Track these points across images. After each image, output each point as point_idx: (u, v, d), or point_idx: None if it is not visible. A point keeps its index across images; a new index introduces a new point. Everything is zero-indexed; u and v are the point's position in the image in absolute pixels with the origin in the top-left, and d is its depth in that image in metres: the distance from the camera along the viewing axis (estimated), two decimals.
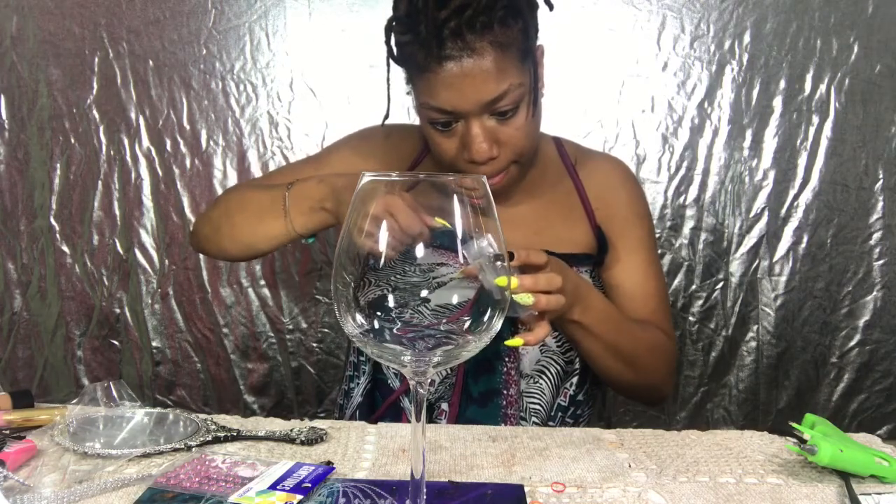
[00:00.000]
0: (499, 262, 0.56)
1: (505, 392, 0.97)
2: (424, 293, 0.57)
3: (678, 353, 1.61)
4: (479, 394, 0.98)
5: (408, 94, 0.99)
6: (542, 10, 0.96)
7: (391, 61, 0.96)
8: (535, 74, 0.95)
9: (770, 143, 1.57)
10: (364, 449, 0.77)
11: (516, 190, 1.04)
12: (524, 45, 0.91)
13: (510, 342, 0.79)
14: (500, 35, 0.87)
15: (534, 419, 1.00)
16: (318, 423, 0.82)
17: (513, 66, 0.90)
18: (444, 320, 0.56)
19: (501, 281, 0.63)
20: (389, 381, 1.04)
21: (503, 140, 0.93)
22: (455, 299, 0.58)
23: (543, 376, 1.00)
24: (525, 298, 0.77)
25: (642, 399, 1.11)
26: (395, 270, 0.57)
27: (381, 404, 1.03)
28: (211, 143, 1.56)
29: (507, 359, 0.98)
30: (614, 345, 0.94)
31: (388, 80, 0.97)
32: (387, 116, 1.02)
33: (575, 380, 1.02)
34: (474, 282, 0.57)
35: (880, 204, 1.57)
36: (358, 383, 1.08)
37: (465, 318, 0.56)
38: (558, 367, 1.00)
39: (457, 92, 0.88)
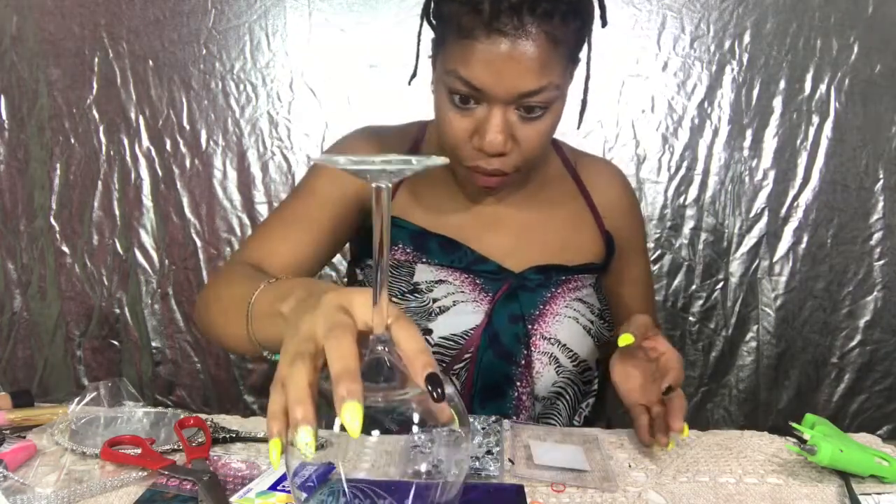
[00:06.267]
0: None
1: (515, 418, 0.93)
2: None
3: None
4: None
5: (429, 56, 0.91)
6: None
7: (426, 16, 0.88)
8: (586, 85, 0.91)
9: (770, 143, 1.57)
10: (364, 446, 0.77)
11: (519, 194, 0.99)
12: (575, 47, 0.86)
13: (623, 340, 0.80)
14: (557, 28, 0.81)
15: None
16: None
17: (559, 65, 0.82)
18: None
19: (626, 338, 0.76)
20: None
21: (520, 139, 0.85)
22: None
23: (561, 398, 0.95)
24: (628, 338, 0.79)
25: None
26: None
27: None
28: (211, 143, 1.56)
29: (518, 383, 0.93)
30: None
31: (419, 33, 0.90)
32: (414, 75, 0.94)
33: (591, 401, 0.99)
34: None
35: (880, 204, 1.57)
36: None
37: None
38: (576, 388, 0.96)
39: (495, 71, 0.80)
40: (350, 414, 0.46)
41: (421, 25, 0.89)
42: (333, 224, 0.95)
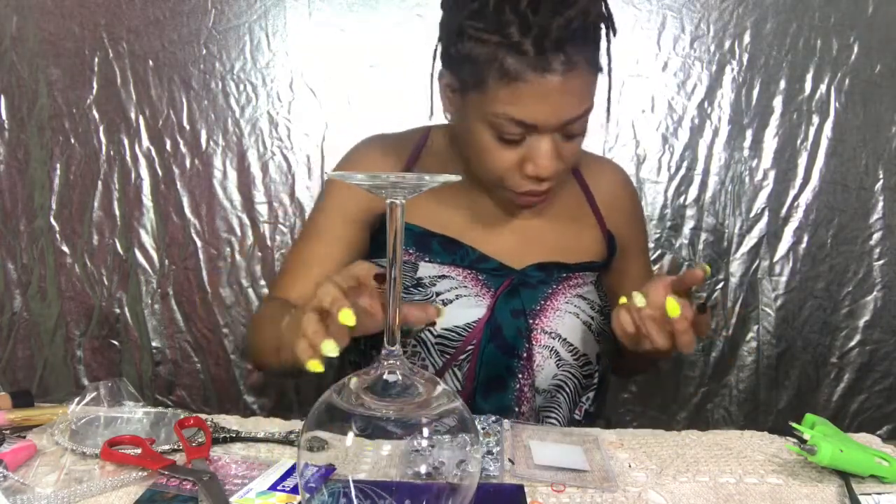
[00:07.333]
0: None
1: (516, 409, 0.94)
2: None
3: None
4: (488, 412, 0.94)
5: (453, 91, 0.91)
6: None
7: (444, 61, 0.90)
8: (609, 97, 0.95)
9: (770, 143, 1.57)
10: (364, 449, 0.77)
11: None
12: (599, 64, 0.90)
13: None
14: (592, 52, 0.86)
15: None
16: None
17: (593, 85, 0.88)
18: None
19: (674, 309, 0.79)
20: None
21: (564, 157, 0.89)
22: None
23: (561, 391, 0.96)
24: (640, 299, 0.83)
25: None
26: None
27: None
28: (211, 143, 1.56)
29: (520, 375, 0.94)
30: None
31: (431, 75, 0.92)
32: (432, 114, 0.96)
33: (591, 394, 1.00)
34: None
35: (880, 204, 1.57)
36: None
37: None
38: (576, 382, 0.97)
39: (549, 107, 0.83)
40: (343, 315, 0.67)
41: (433, 64, 0.91)
42: (350, 259, 0.99)
